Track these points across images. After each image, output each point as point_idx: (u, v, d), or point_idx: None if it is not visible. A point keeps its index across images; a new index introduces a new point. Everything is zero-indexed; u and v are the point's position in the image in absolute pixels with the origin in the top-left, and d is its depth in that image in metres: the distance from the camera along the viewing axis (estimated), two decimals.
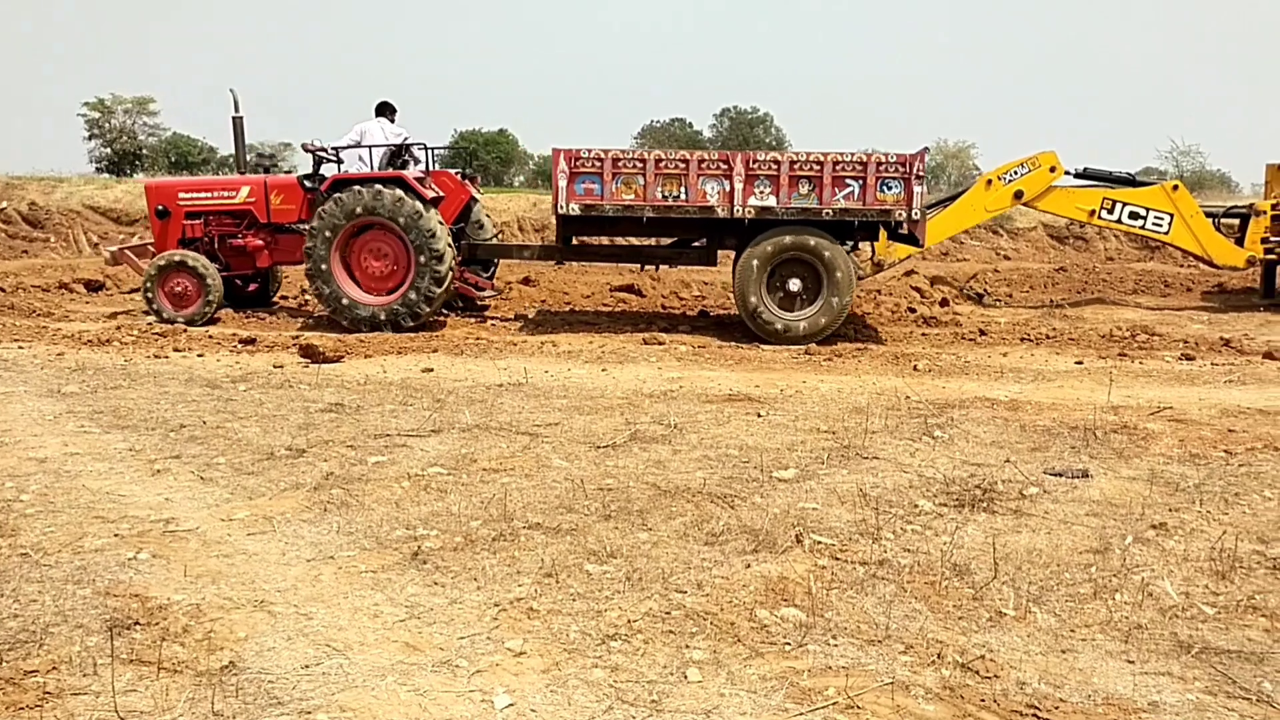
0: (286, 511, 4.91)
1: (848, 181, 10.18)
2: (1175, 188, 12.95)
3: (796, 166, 10.17)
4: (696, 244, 11.36)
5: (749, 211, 10.26)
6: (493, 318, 12.14)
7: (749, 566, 4.16)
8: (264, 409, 7.11)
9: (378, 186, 10.64)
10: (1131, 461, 5.81)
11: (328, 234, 10.69)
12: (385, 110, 11.80)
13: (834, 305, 10.33)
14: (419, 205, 10.61)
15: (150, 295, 11.23)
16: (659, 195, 10.27)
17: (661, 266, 12.05)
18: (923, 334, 11.27)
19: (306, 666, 3.34)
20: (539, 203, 22.18)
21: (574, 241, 11.58)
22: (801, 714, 3.03)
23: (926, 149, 10.81)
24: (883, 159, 10.18)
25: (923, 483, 5.38)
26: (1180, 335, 10.81)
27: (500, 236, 15.77)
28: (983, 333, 11.11)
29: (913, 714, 3.02)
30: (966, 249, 20.77)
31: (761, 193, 10.22)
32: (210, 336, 10.26)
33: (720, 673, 3.29)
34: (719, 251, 11.33)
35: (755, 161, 10.22)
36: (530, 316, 12.30)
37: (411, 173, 11.07)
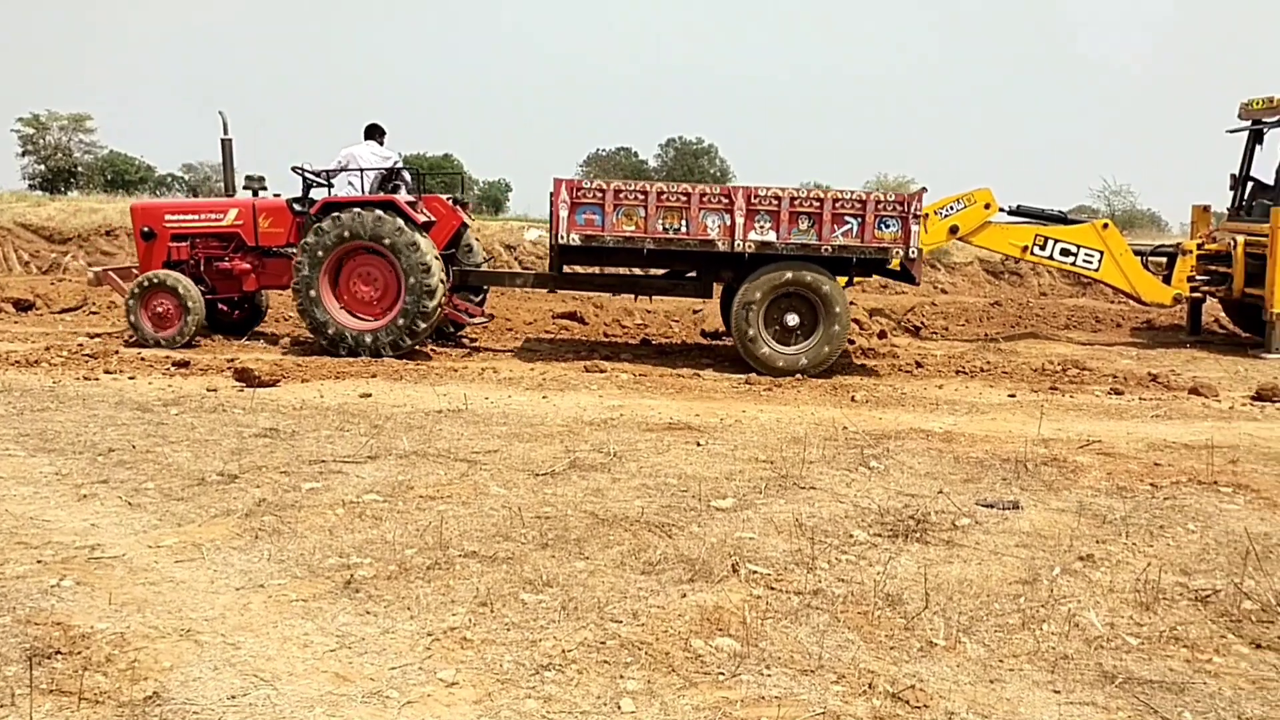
0: (216, 538, 4.83)
1: (847, 219, 10.31)
2: (1105, 226, 13.29)
3: (797, 203, 10.30)
4: (690, 275, 11.41)
5: (749, 246, 10.34)
6: (481, 347, 12.04)
7: (685, 596, 4.17)
8: (196, 433, 6.99)
9: (376, 211, 10.57)
10: (1061, 493, 5.93)
11: (317, 256, 10.56)
12: (375, 133, 11.72)
13: (831, 341, 10.44)
14: (415, 235, 10.54)
15: (132, 315, 11.07)
16: (660, 228, 10.32)
17: (622, 296, 12.03)
18: (861, 365, 11.42)
19: (233, 697, 3.28)
20: (482, 228, 22.12)
21: (566, 270, 11.62)
22: None
23: (924, 189, 11.06)
24: (881, 198, 10.39)
25: (858, 513, 5.44)
26: (1110, 370, 11.07)
27: (493, 263, 15.70)
28: (919, 365, 11.28)
29: None
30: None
31: (762, 227, 10.32)
32: (143, 358, 10.06)
33: (654, 703, 3.29)
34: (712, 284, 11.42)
35: (756, 196, 10.29)
36: (477, 345, 12.24)
37: (404, 197, 11.02)
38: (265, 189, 11.97)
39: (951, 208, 12.82)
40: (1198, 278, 13.58)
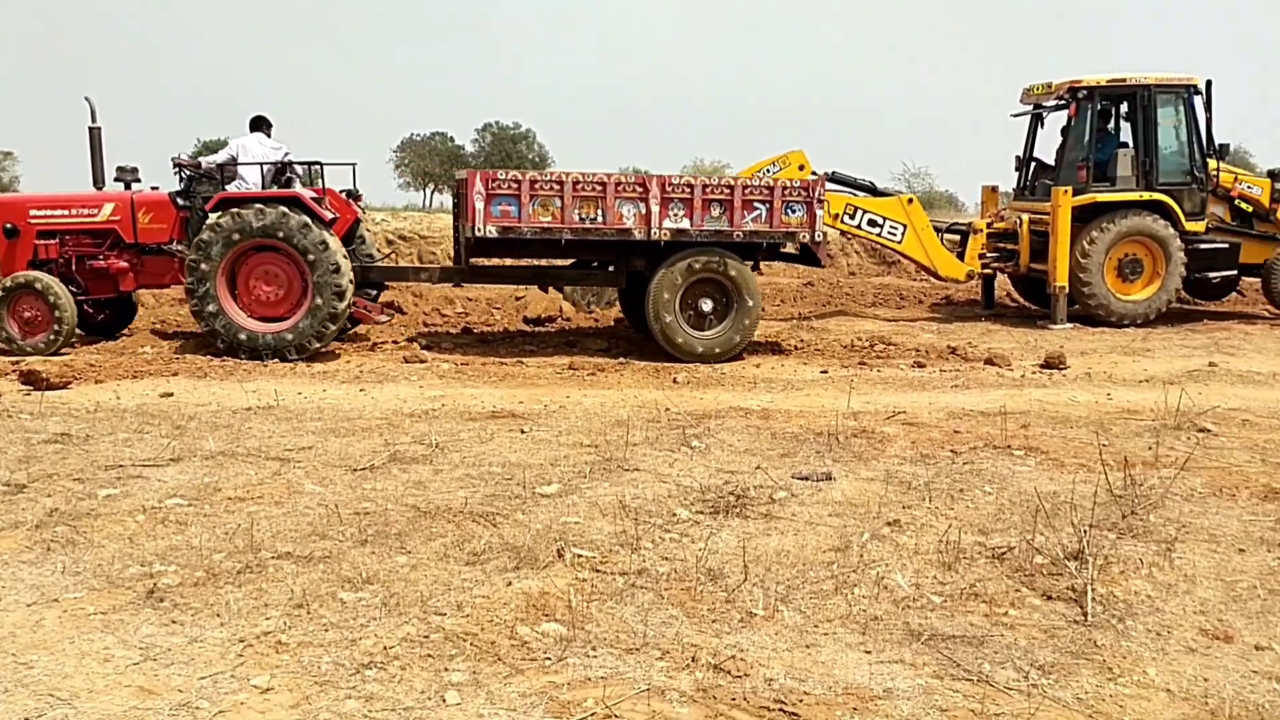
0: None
1: (756, 205, 10.48)
2: (910, 201, 13.94)
3: (709, 190, 10.43)
4: (600, 265, 11.28)
5: (665, 234, 10.37)
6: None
7: (510, 584, 4.14)
8: None
9: (280, 207, 9.95)
10: (870, 463, 6.20)
11: (214, 254, 9.87)
12: (262, 124, 11.03)
13: (745, 324, 10.60)
14: (324, 233, 9.99)
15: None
16: (576, 218, 10.22)
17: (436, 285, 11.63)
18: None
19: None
20: None
21: (472, 263, 11.23)
22: None
23: (828, 174, 11.20)
24: (787, 184, 10.61)
25: (680, 492, 5.53)
26: (913, 344, 11.64)
27: (394, 258, 14.95)
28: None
29: (668, 718, 3.09)
30: None
31: (676, 215, 10.36)
32: None
33: (480, 693, 3.25)
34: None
35: (671, 185, 10.36)
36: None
37: (307, 192, 10.36)
38: (139, 181, 11.09)
39: (767, 170, 13.08)
40: (988, 255, 14.42)
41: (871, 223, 13.54)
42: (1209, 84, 13.84)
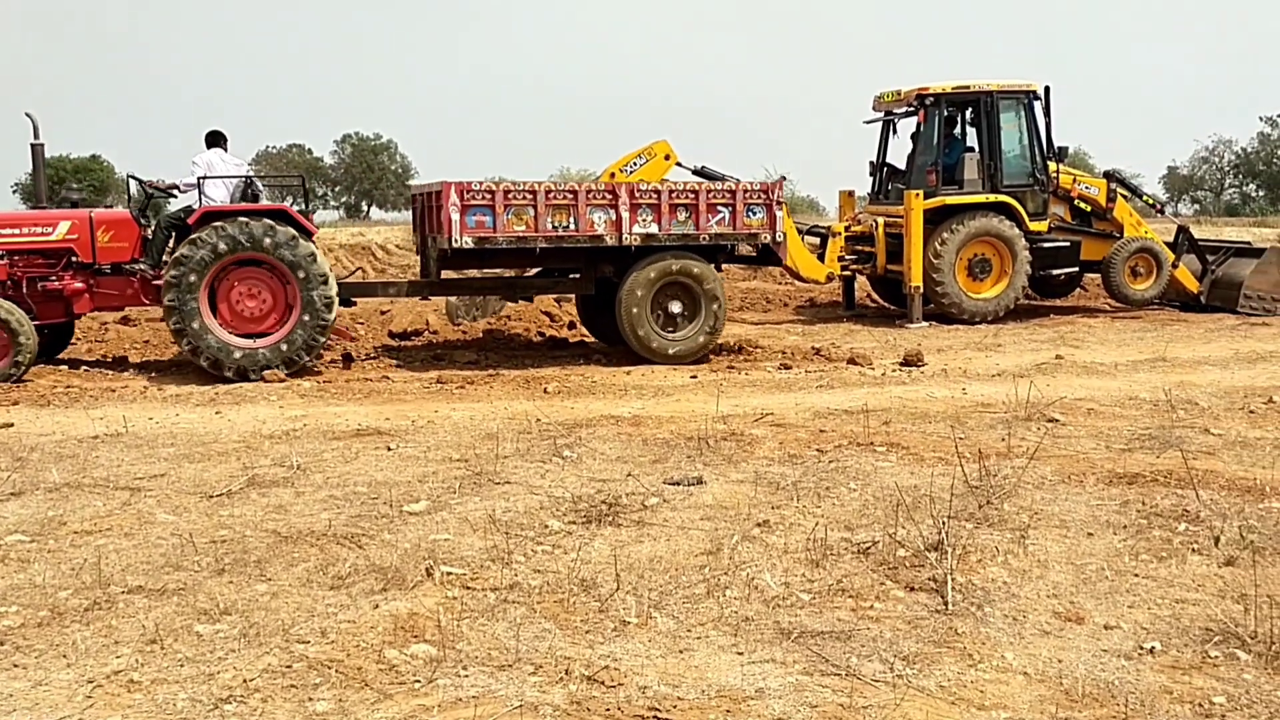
0: None
1: (719, 208, 10.81)
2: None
3: (675, 195, 10.72)
4: (567, 273, 11.30)
5: (635, 239, 10.60)
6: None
7: (377, 607, 4.03)
8: None
9: (266, 220, 9.65)
10: (739, 465, 6.28)
11: (198, 269, 9.50)
12: (220, 140, 10.62)
13: (713, 324, 10.94)
14: (311, 246, 9.73)
15: None
16: (550, 226, 10.37)
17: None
18: (552, 357, 11.57)
19: None
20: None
21: (442, 276, 11.14)
22: None
23: (784, 177, 11.45)
24: (748, 187, 10.98)
25: (553, 503, 5.49)
26: (779, 347, 11.87)
27: (362, 274, 14.28)
28: (606, 355, 11.58)
29: None
30: None
31: (645, 220, 10.60)
32: None
33: None
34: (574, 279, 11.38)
35: (639, 191, 10.64)
36: (132, 360, 11.25)
37: (295, 206, 10.06)
38: (84, 201, 10.40)
39: (634, 164, 13.10)
40: (847, 257, 14.82)
41: None
42: (1048, 90, 14.56)
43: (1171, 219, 19.50)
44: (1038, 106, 14.62)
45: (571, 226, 10.47)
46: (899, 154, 15.73)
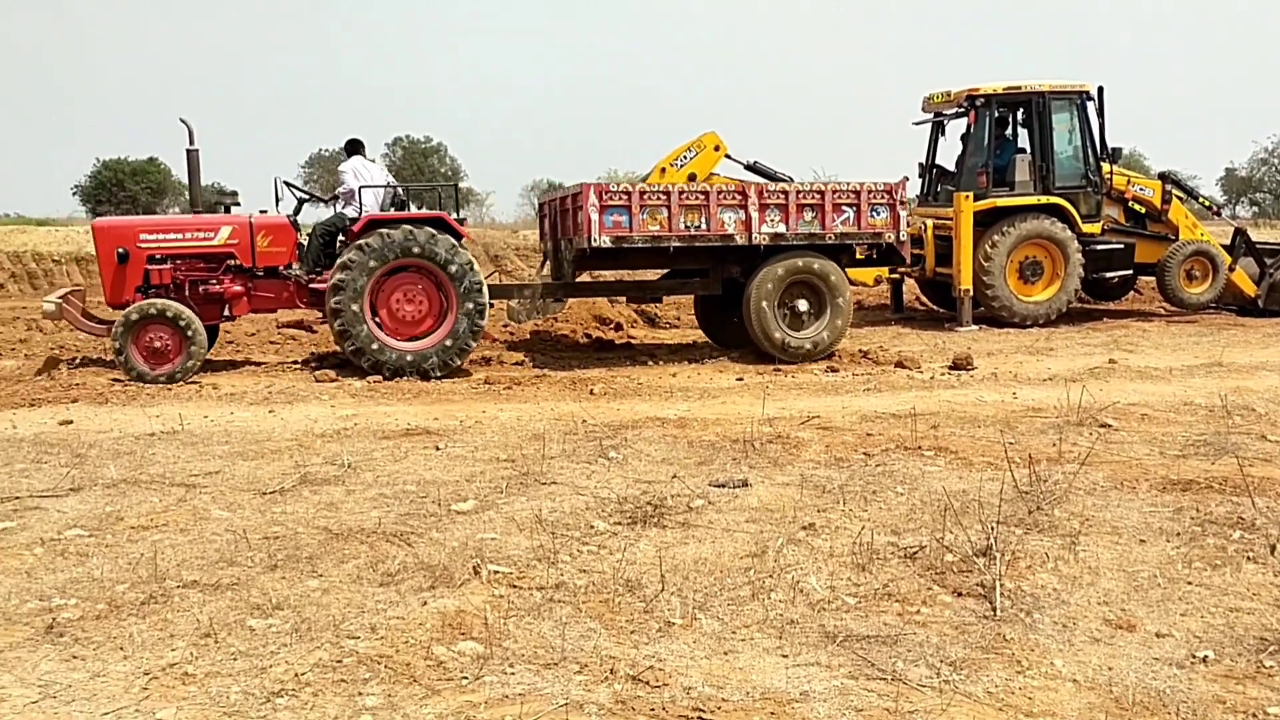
0: None
1: (845, 209, 11.05)
2: None
3: (802, 195, 10.96)
4: (694, 274, 11.52)
5: (764, 238, 10.87)
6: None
7: (426, 604, 4.08)
8: None
9: (427, 228, 10.13)
10: (785, 468, 6.26)
11: (364, 275, 9.94)
12: (359, 148, 11.16)
13: (838, 322, 11.17)
14: (468, 253, 10.33)
15: (121, 348, 9.61)
16: (682, 226, 10.67)
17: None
18: (599, 358, 11.61)
19: None
20: None
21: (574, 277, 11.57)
22: None
23: (906, 178, 11.87)
24: (873, 187, 11.14)
25: (598, 504, 5.52)
26: None
27: (499, 276, 14.70)
28: (652, 356, 11.60)
29: None
30: None
31: (773, 220, 10.87)
32: None
33: (395, 716, 3.20)
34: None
35: (767, 192, 10.91)
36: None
37: (452, 215, 10.56)
38: (238, 205, 10.92)
39: (684, 157, 13.15)
40: None
41: None
42: (1101, 90, 14.35)
43: (1229, 221, 19.11)
44: (1091, 107, 14.41)
45: (703, 226, 10.74)
46: (948, 155, 15.59)
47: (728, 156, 13.31)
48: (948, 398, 8.75)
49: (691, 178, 13.18)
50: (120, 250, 10.20)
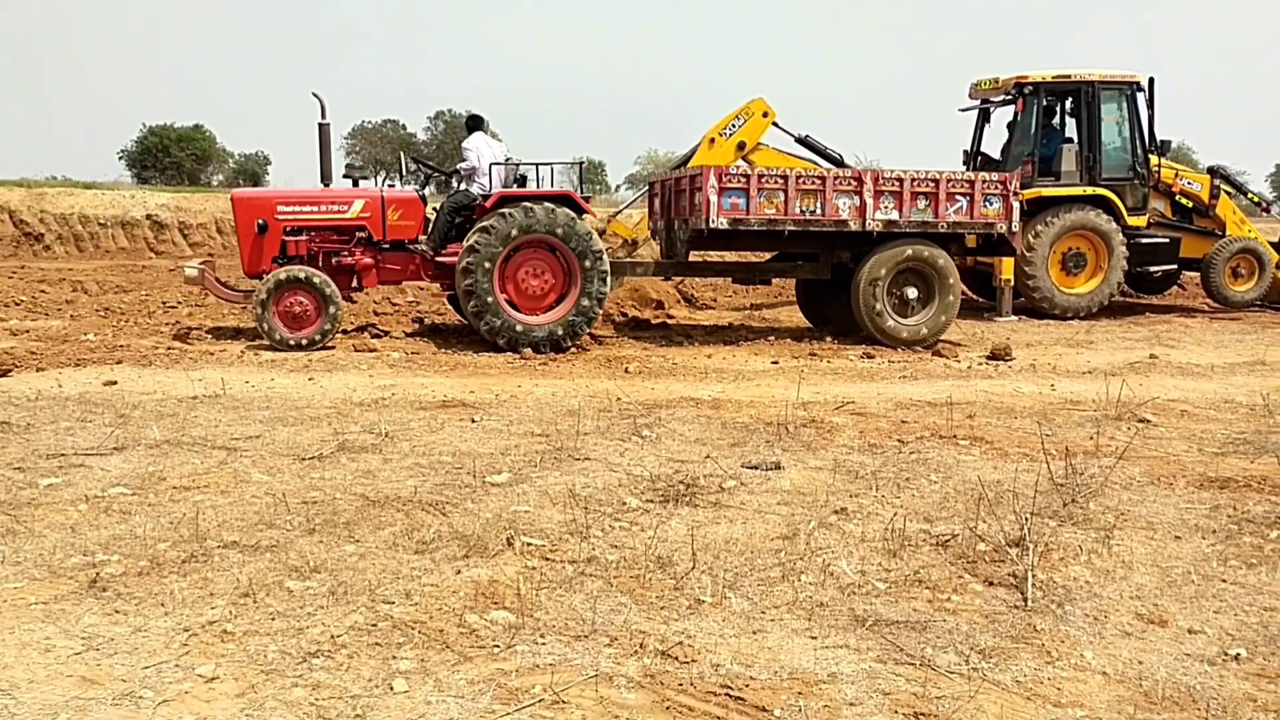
0: None
1: (958, 198, 11.03)
2: None
3: (916, 183, 10.91)
4: (804, 257, 11.62)
5: (877, 225, 10.88)
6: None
7: (459, 572, 4.14)
8: None
9: (552, 205, 10.35)
10: (818, 452, 6.26)
11: (494, 249, 10.19)
12: (481, 124, 11.47)
13: (947, 311, 11.16)
14: (592, 230, 10.55)
15: (263, 316, 9.93)
16: (798, 210, 10.74)
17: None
18: (634, 337, 11.64)
19: None
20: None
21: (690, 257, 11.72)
22: (508, 714, 3.04)
23: (801, 136, 12.27)
24: (987, 178, 11.17)
25: (631, 481, 5.55)
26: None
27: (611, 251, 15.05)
28: (689, 337, 11.61)
29: (615, 704, 3.11)
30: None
31: (886, 207, 10.89)
32: None
33: (428, 681, 3.25)
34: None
35: (882, 179, 10.88)
36: (231, 327, 11.63)
37: (579, 192, 10.85)
38: (367, 178, 11.21)
39: (733, 125, 13.11)
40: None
41: None
42: (1151, 81, 14.12)
43: (1278, 219, 18.77)
44: (1140, 98, 14.20)
45: (818, 211, 10.80)
46: (994, 144, 15.42)
47: (776, 125, 13.22)
48: (985, 388, 8.70)
49: (740, 146, 13.14)
50: (260, 222, 10.50)
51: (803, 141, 13.50)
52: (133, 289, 14.77)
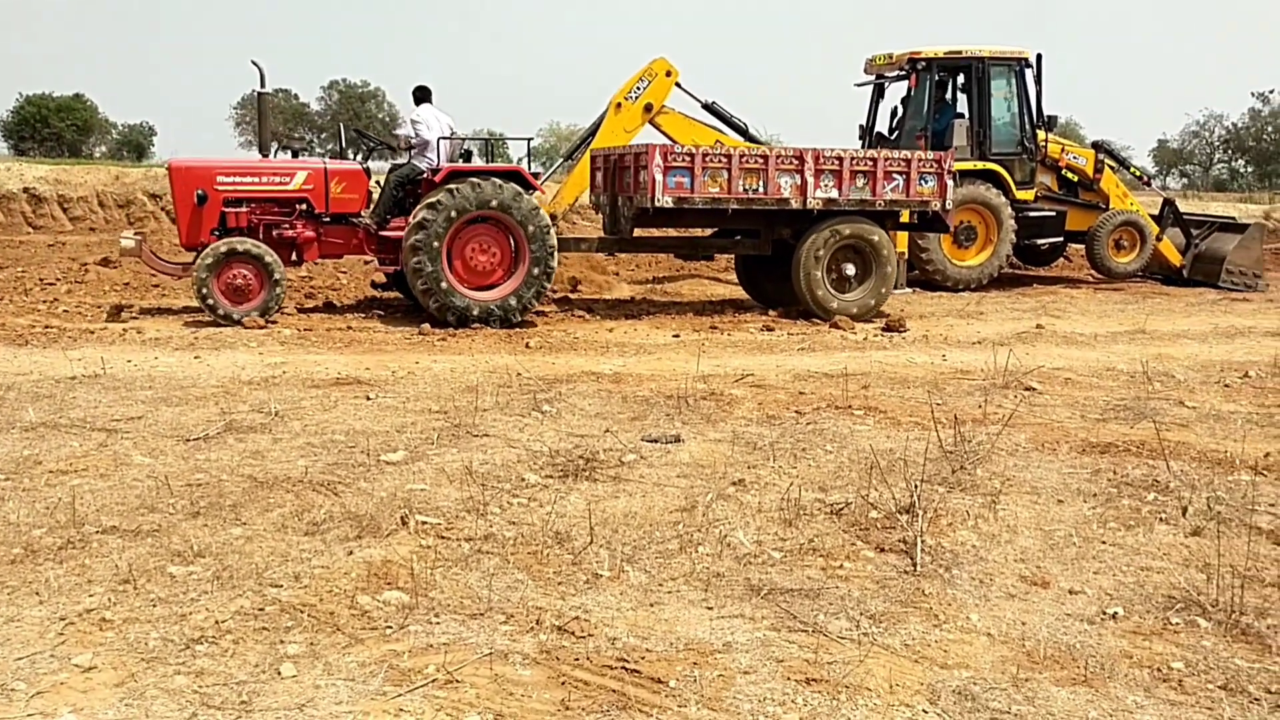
0: None
1: (894, 176, 11.24)
2: None
3: (855, 162, 11.13)
4: (745, 234, 11.64)
5: (817, 203, 11.03)
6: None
7: (351, 553, 4.05)
8: None
9: (514, 185, 10.26)
10: (717, 425, 6.30)
11: (442, 226, 10.04)
12: (428, 95, 11.04)
13: (883, 288, 11.40)
14: (536, 203, 10.43)
15: (205, 290, 9.52)
16: (741, 189, 10.82)
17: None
18: (536, 312, 11.55)
19: None
20: (122, 175, 20.19)
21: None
22: (400, 695, 2.99)
23: (708, 102, 12.36)
24: (922, 157, 11.43)
25: (530, 456, 5.51)
26: (762, 308, 11.88)
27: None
28: (590, 311, 11.57)
29: (510, 681, 3.09)
30: (581, 226, 21.49)
31: (826, 185, 11.05)
32: None
33: (317, 664, 3.18)
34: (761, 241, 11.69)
35: (823, 158, 11.02)
36: (118, 302, 11.17)
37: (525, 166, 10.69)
38: (306, 150, 10.64)
39: (638, 89, 13.03)
40: None
41: None
42: (1039, 58, 14.50)
43: (1159, 192, 19.52)
44: (1029, 74, 14.57)
45: (760, 189, 10.89)
46: (889, 118, 15.65)
47: (679, 86, 13.15)
48: (879, 358, 8.87)
49: (648, 109, 13.07)
50: (199, 192, 10.16)
51: (709, 108, 13.47)
52: (8, 265, 14.07)
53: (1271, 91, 54.49)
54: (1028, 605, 3.76)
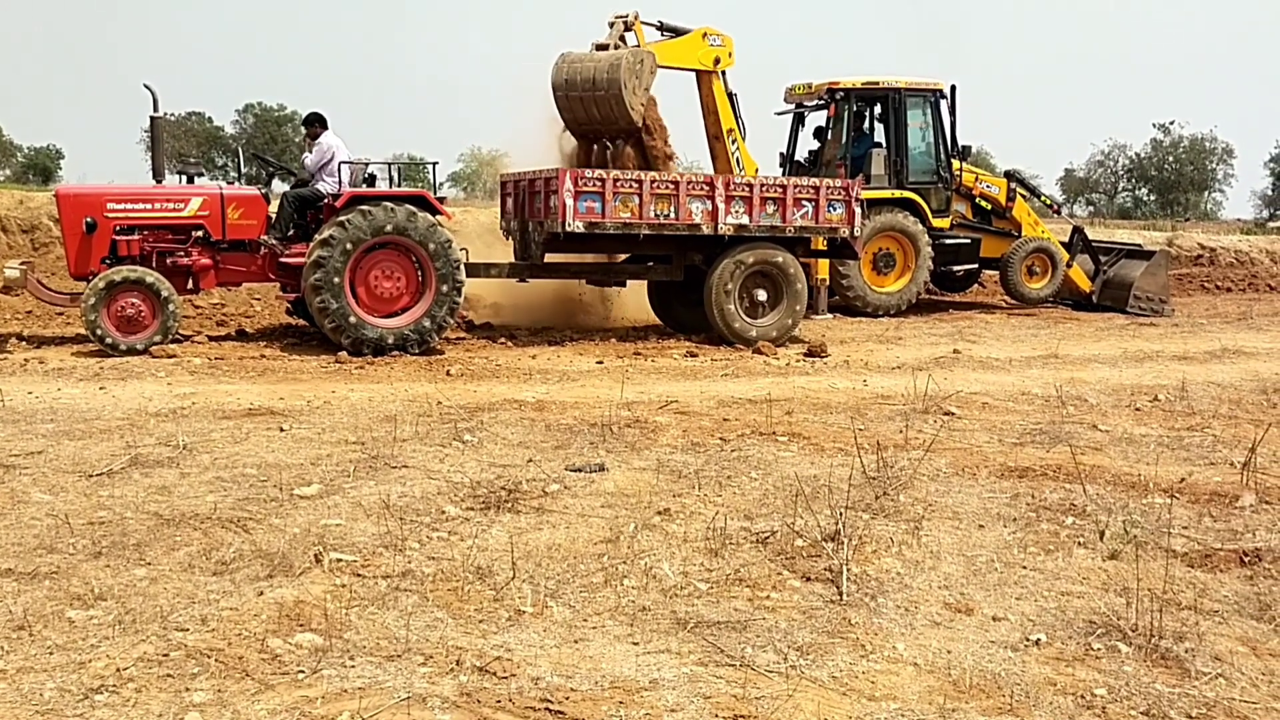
0: None
1: (804, 203, 11.38)
2: None
3: (765, 189, 11.25)
4: (657, 260, 11.67)
5: (728, 229, 11.11)
6: None
7: (262, 594, 3.89)
8: None
9: (409, 206, 10.00)
10: (642, 453, 6.25)
11: (345, 249, 9.79)
12: (323, 122, 10.79)
13: (795, 311, 11.54)
14: (446, 231, 10.27)
15: (93, 320, 9.05)
16: (653, 214, 10.82)
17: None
18: (456, 339, 11.39)
19: None
20: (26, 200, 19.48)
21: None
22: None
23: (862, 176, 12.56)
24: (831, 184, 11.57)
25: (450, 488, 5.38)
26: (686, 335, 11.89)
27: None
28: (513, 337, 11.46)
29: None
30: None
31: (737, 211, 11.12)
32: None
33: (224, 713, 3.02)
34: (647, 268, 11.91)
35: (733, 185, 11.17)
36: (17, 331, 10.74)
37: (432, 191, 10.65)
38: (202, 175, 10.58)
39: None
40: None
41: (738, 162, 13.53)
42: (954, 89, 14.85)
43: (1067, 220, 20.11)
44: (944, 105, 14.91)
45: (672, 215, 10.93)
46: (808, 147, 15.87)
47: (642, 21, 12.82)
48: (802, 384, 8.91)
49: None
50: (88, 220, 9.77)
51: (662, 28, 13.19)
52: None
53: (1172, 123, 56.83)
54: (952, 633, 3.76)
